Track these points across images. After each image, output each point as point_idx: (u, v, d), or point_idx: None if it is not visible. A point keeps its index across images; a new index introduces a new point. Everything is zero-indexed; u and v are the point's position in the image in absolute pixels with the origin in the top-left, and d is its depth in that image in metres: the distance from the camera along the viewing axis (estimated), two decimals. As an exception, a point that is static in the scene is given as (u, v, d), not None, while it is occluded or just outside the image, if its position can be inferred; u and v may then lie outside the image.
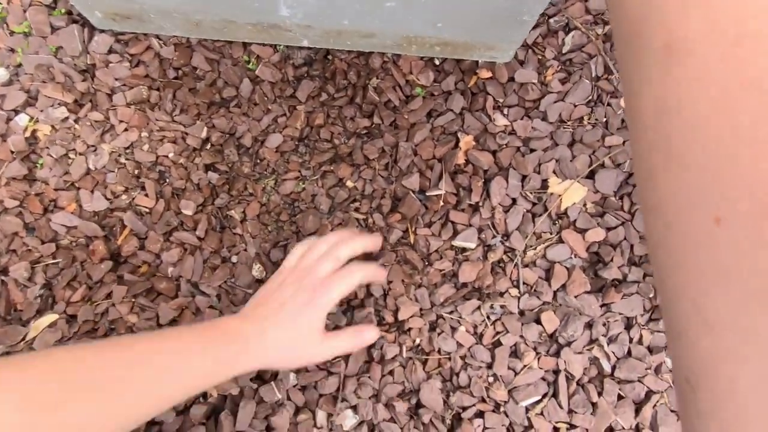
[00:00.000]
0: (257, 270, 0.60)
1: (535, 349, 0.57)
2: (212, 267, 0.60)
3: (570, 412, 0.55)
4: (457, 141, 0.63)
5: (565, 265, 0.59)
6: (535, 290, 0.58)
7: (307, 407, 0.56)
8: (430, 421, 0.55)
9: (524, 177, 0.61)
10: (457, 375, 0.56)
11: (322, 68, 0.65)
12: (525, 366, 0.56)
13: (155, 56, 0.65)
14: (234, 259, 0.61)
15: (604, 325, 0.57)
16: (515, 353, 0.57)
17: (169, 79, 0.65)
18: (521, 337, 0.57)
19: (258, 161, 0.64)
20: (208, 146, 0.64)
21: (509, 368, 0.56)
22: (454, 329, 0.58)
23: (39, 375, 0.34)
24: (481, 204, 0.60)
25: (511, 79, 0.64)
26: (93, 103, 0.63)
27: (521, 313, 0.58)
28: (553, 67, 0.64)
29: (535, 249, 0.60)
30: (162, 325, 0.58)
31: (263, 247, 0.61)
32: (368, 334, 0.49)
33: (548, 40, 0.64)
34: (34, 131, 0.62)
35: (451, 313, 0.58)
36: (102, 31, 0.65)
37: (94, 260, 0.59)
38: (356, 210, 0.62)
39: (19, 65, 0.63)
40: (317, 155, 0.63)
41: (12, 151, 0.61)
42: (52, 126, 0.63)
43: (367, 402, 0.55)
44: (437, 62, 0.65)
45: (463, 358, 0.57)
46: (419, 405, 0.55)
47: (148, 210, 0.62)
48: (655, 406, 0.56)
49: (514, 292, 0.58)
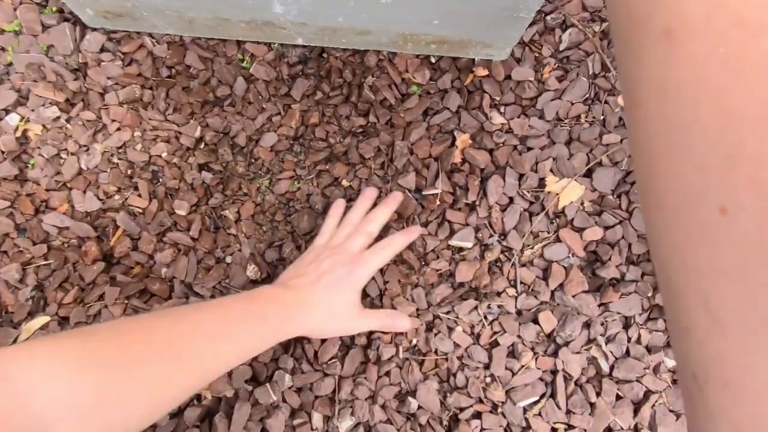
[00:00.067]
0: (252, 270, 0.59)
1: (532, 349, 0.56)
2: (206, 268, 0.59)
3: (568, 412, 0.55)
4: (454, 140, 0.62)
5: (562, 265, 0.58)
6: (532, 290, 0.58)
7: (303, 409, 0.55)
8: (427, 422, 0.54)
9: (521, 176, 0.61)
10: (454, 376, 0.56)
11: (317, 66, 0.65)
12: (522, 366, 0.55)
13: (148, 55, 0.64)
14: (228, 259, 0.60)
15: (602, 324, 0.57)
16: (513, 353, 0.57)
17: (162, 77, 0.64)
18: (519, 337, 0.56)
19: (252, 161, 0.63)
20: (202, 146, 0.63)
21: (507, 368, 0.56)
22: (450, 329, 0.57)
23: (112, 340, 0.36)
24: (477, 203, 0.60)
25: (508, 77, 0.63)
26: (85, 103, 0.63)
27: (518, 312, 0.58)
28: (550, 65, 0.63)
29: (532, 248, 0.59)
30: (155, 327, 0.57)
31: (258, 248, 0.60)
32: (401, 321, 0.52)
33: (545, 37, 0.64)
34: (25, 131, 0.62)
35: (447, 313, 0.57)
36: (94, 29, 0.64)
37: (87, 261, 0.58)
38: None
39: (10, 64, 0.62)
40: (312, 154, 0.62)
41: (2, 151, 0.60)
42: (44, 125, 0.62)
43: (364, 403, 0.54)
44: (433, 60, 0.65)
45: (460, 358, 0.56)
46: (416, 406, 0.55)
47: (141, 210, 0.61)
48: (653, 406, 0.55)
49: (511, 291, 0.58)
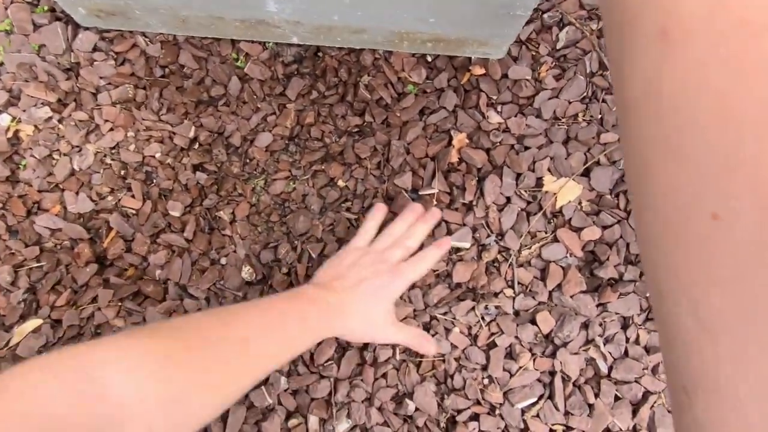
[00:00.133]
0: (247, 272, 0.58)
1: (530, 350, 0.56)
2: (201, 269, 0.59)
3: (566, 413, 0.55)
4: (450, 139, 0.62)
5: (560, 265, 0.58)
6: (530, 290, 0.57)
7: (299, 412, 0.55)
8: (425, 424, 0.54)
9: (518, 175, 0.60)
10: (452, 377, 0.55)
11: (312, 65, 0.64)
12: (520, 367, 0.55)
13: (141, 54, 0.64)
14: (223, 261, 0.59)
15: (601, 325, 0.57)
16: (510, 354, 0.56)
17: (156, 77, 0.63)
18: (516, 338, 0.56)
19: (247, 161, 0.62)
20: (196, 146, 0.62)
21: (504, 370, 0.55)
22: (448, 330, 0.57)
23: (182, 340, 0.37)
24: (474, 203, 0.59)
25: (505, 76, 0.63)
26: (77, 103, 0.62)
27: (516, 313, 0.57)
28: (547, 64, 0.63)
29: (529, 248, 0.59)
30: (149, 330, 0.56)
31: (253, 249, 0.60)
32: (429, 345, 0.53)
33: (542, 35, 0.63)
34: (16, 131, 0.61)
35: (445, 314, 0.57)
36: (86, 28, 0.63)
37: (79, 263, 0.58)
38: (348, 210, 0.61)
39: (1, 64, 0.61)
40: (308, 154, 0.62)
41: (-6, 152, 0.59)
42: (35, 126, 0.61)
43: (360, 406, 0.54)
44: (429, 59, 0.64)
45: (457, 359, 0.56)
46: (413, 408, 0.54)
47: (134, 211, 0.60)
48: (652, 406, 0.55)
49: (509, 292, 0.57)
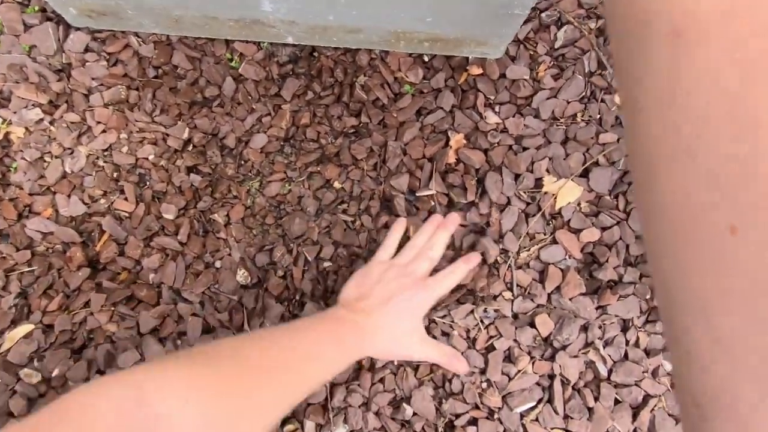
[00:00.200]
0: (242, 275, 0.58)
1: (529, 353, 0.55)
2: (195, 273, 0.58)
3: (566, 417, 0.54)
4: (448, 140, 0.61)
5: (559, 267, 0.57)
6: (529, 292, 0.57)
7: (295, 417, 0.54)
8: (422, 429, 0.53)
9: (517, 176, 0.59)
10: (450, 381, 0.54)
11: (307, 66, 0.63)
12: (519, 371, 0.54)
13: (134, 54, 0.63)
14: (218, 264, 0.59)
15: (600, 327, 0.56)
16: (509, 358, 0.55)
17: (149, 78, 0.62)
18: (515, 341, 0.55)
19: (242, 162, 0.61)
20: (190, 147, 0.62)
21: (503, 373, 0.55)
22: (447, 334, 0.56)
23: (230, 366, 0.38)
24: (478, 202, 0.59)
25: (503, 76, 0.62)
26: (69, 104, 0.61)
27: (515, 316, 0.56)
28: (545, 63, 0.62)
29: (528, 250, 0.58)
30: (143, 335, 0.55)
31: (248, 252, 0.59)
32: (460, 363, 0.52)
33: (540, 35, 0.63)
34: (7, 133, 0.60)
35: (444, 317, 0.56)
36: (78, 28, 0.62)
37: (72, 267, 0.57)
38: (344, 212, 0.60)
39: (-9, 65, 0.60)
40: (303, 156, 0.61)
41: (-16, 155, 0.58)
42: (26, 128, 0.60)
43: (357, 410, 0.53)
44: (426, 59, 0.63)
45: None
46: (411, 413, 0.53)
47: (127, 214, 0.59)
48: (652, 410, 0.54)
49: (507, 295, 0.56)
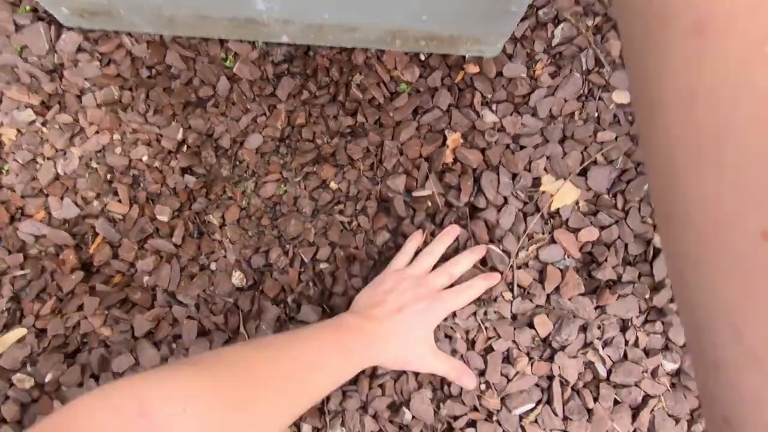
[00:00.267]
0: (237, 278, 0.57)
1: (528, 354, 0.55)
2: (190, 275, 0.57)
3: (565, 419, 0.53)
4: (445, 139, 0.60)
5: (558, 267, 0.57)
6: (527, 293, 0.56)
7: (292, 420, 0.54)
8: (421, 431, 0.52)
9: (515, 175, 0.59)
10: (449, 384, 0.54)
11: (302, 65, 0.63)
12: (518, 372, 0.54)
13: (127, 54, 0.62)
14: (213, 266, 0.58)
15: (599, 327, 0.55)
16: (508, 359, 0.55)
17: (142, 78, 0.62)
18: (514, 342, 0.55)
19: (237, 163, 0.61)
20: (185, 148, 0.61)
21: (502, 375, 0.54)
22: (449, 337, 0.55)
23: (230, 376, 0.37)
24: (472, 203, 0.58)
25: (500, 74, 0.61)
26: (61, 105, 0.60)
27: (513, 317, 0.56)
28: (543, 61, 0.61)
29: (527, 250, 0.58)
30: (137, 338, 0.55)
31: (244, 254, 0.58)
32: (468, 378, 0.52)
33: (537, 32, 0.62)
34: (-2, 135, 0.59)
35: (445, 320, 0.55)
36: (70, 28, 0.61)
37: (65, 270, 0.56)
38: (340, 212, 0.59)
39: (-18, 66, 0.60)
40: (299, 156, 0.60)
41: (-25, 157, 0.58)
42: (18, 130, 0.59)
43: (354, 414, 0.52)
44: (422, 57, 0.63)
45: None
46: (409, 417, 0.53)
47: (121, 216, 0.59)
48: (652, 410, 0.54)
49: (507, 296, 0.56)
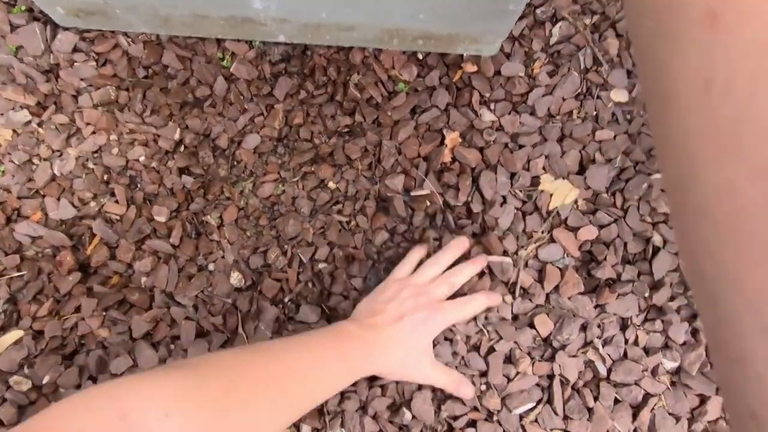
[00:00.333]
0: (236, 278, 0.57)
1: (529, 353, 0.54)
2: (188, 276, 0.57)
3: (565, 418, 0.53)
4: (443, 138, 0.60)
5: (557, 266, 0.57)
6: (527, 292, 0.56)
7: (291, 421, 0.53)
8: (421, 432, 0.52)
9: (513, 174, 0.59)
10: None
11: (300, 64, 0.63)
12: (518, 372, 0.54)
13: (123, 54, 0.62)
14: (211, 267, 0.58)
15: (599, 326, 0.55)
16: (509, 359, 0.55)
17: (139, 78, 0.61)
18: (515, 342, 0.54)
19: (235, 163, 0.61)
20: (182, 148, 0.61)
21: (503, 375, 0.54)
22: (450, 340, 0.55)
23: (217, 379, 0.37)
24: (470, 202, 0.58)
25: (498, 73, 0.61)
26: (57, 106, 0.60)
27: (514, 317, 0.56)
28: (541, 60, 0.61)
29: (526, 249, 0.57)
30: (135, 340, 0.54)
31: (242, 254, 0.58)
32: (466, 388, 0.51)
33: (535, 31, 0.62)
34: (-6, 136, 0.59)
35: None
36: (65, 28, 0.61)
37: (62, 272, 0.56)
38: (339, 212, 0.59)
39: (-23, 66, 0.59)
40: (297, 156, 0.60)
41: (-30, 158, 0.57)
42: (14, 130, 0.59)
43: (354, 414, 0.52)
44: (420, 56, 0.63)
45: (456, 368, 0.54)
46: (409, 417, 0.53)
47: (118, 217, 0.58)
48: (652, 409, 0.54)
49: (508, 298, 0.55)
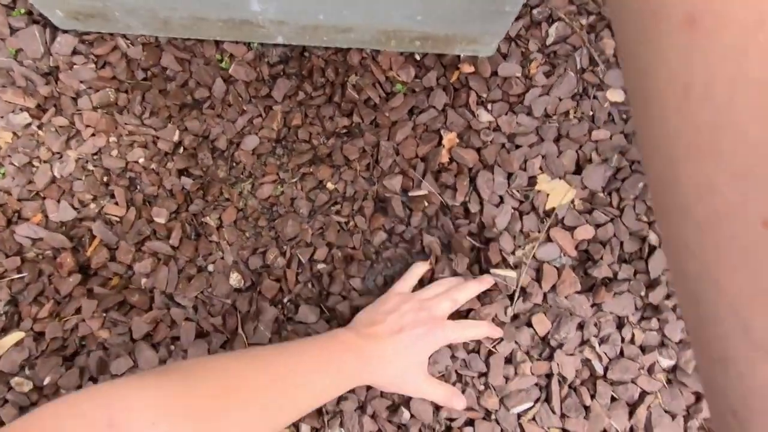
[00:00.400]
0: (235, 279, 0.57)
1: (527, 353, 0.55)
2: (188, 277, 0.57)
3: (563, 416, 0.54)
4: (440, 139, 0.60)
5: (554, 265, 0.57)
6: (525, 292, 0.56)
7: (291, 420, 0.54)
8: (419, 431, 0.53)
9: (510, 174, 0.59)
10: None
11: (298, 66, 0.63)
12: (518, 373, 0.54)
13: (122, 57, 0.62)
14: (210, 268, 0.58)
15: (596, 325, 0.56)
16: (510, 360, 0.55)
17: (138, 80, 0.62)
18: (516, 343, 0.55)
19: (234, 164, 0.61)
20: (181, 150, 0.61)
21: (503, 376, 0.54)
22: (449, 345, 0.55)
23: (206, 387, 0.36)
24: (468, 203, 0.58)
25: (495, 74, 0.62)
26: (57, 108, 0.60)
27: (514, 317, 0.56)
28: (537, 60, 0.62)
29: (523, 249, 0.58)
30: (136, 341, 0.55)
31: (241, 255, 0.58)
32: (459, 401, 0.51)
33: (531, 31, 0.63)
34: (-6, 139, 0.59)
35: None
36: (65, 31, 0.61)
37: (62, 273, 0.56)
38: (337, 213, 0.60)
39: (-24, 69, 0.60)
40: (295, 157, 0.61)
41: (-29, 161, 0.57)
42: (14, 133, 0.59)
43: (353, 414, 0.52)
44: (418, 57, 0.63)
45: (457, 370, 0.54)
46: (408, 416, 0.53)
47: (118, 219, 0.59)
48: (649, 407, 0.54)
49: (509, 311, 0.56)
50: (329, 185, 0.60)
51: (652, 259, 0.56)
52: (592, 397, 0.54)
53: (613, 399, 0.54)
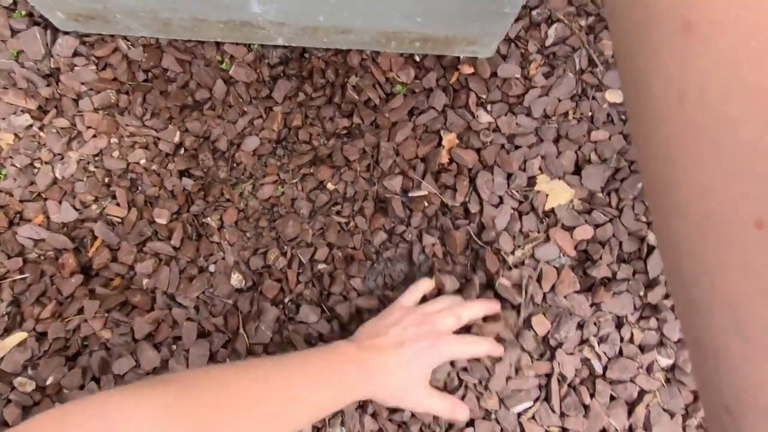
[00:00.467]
0: (236, 279, 0.57)
1: (528, 353, 0.55)
2: (189, 277, 0.58)
3: (562, 415, 0.54)
4: (440, 139, 0.61)
5: (553, 265, 0.57)
6: (525, 293, 0.57)
7: (292, 420, 0.54)
8: (420, 430, 0.53)
9: (510, 175, 0.59)
10: (445, 385, 0.54)
11: (298, 67, 0.63)
12: (517, 373, 0.54)
13: (123, 58, 0.62)
14: (212, 268, 0.58)
15: (595, 324, 0.56)
16: (511, 363, 0.55)
17: (139, 81, 0.62)
18: (522, 348, 0.55)
19: (234, 165, 0.61)
20: (182, 151, 0.61)
21: (504, 378, 0.54)
22: None
23: (200, 398, 0.36)
24: (468, 203, 0.59)
25: (494, 75, 0.62)
26: (58, 109, 0.61)
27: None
28: (537, 61, 0.62)
29: (522, 249, 0.58)
30: (138, 341, 0.55)
31: (242, 255, 0.59)
32: (462, 413, 0.50)
33: (531, 33, 0.63)
34: (-5, 140, 0.59)
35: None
36: (66, 33, 0.62)
37: (64, 274, 0.56)
38: (338, 213, 0.60)
39: (-22, 71, 0.60)
40: (296, 158, 0.61)
41: (-28, 162, 0.58)
42: (15, 134, 0.60)
43: (354, 413, 0.53)
44: (417, 59, 0.63)
45: (458, 374, 0.55)
46: (409, 415, 0.53)
47: (119, 220, 0.59)
48: (647, 406, 0.54)
49: (515, 332, 0.56)
50: (330, 186, 0.61)
51: (650, 259, 0.56)
52: (592, 396, 0.54)
53: (612, 398, 0.55)
